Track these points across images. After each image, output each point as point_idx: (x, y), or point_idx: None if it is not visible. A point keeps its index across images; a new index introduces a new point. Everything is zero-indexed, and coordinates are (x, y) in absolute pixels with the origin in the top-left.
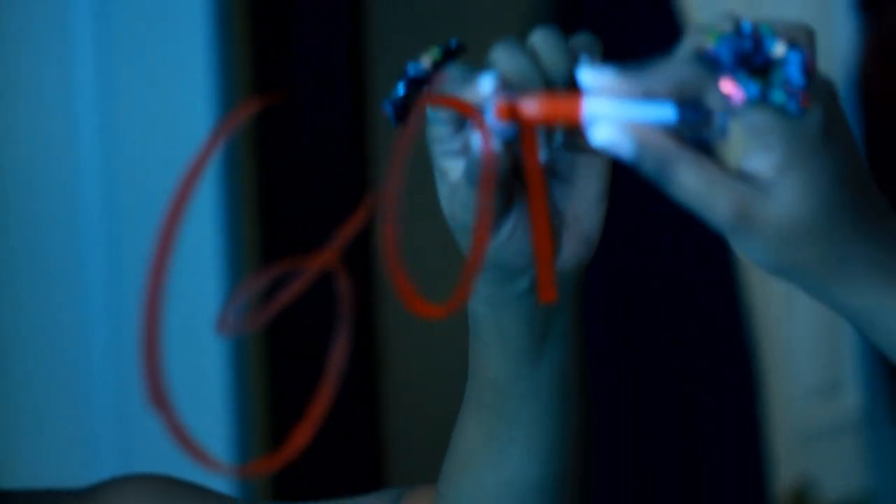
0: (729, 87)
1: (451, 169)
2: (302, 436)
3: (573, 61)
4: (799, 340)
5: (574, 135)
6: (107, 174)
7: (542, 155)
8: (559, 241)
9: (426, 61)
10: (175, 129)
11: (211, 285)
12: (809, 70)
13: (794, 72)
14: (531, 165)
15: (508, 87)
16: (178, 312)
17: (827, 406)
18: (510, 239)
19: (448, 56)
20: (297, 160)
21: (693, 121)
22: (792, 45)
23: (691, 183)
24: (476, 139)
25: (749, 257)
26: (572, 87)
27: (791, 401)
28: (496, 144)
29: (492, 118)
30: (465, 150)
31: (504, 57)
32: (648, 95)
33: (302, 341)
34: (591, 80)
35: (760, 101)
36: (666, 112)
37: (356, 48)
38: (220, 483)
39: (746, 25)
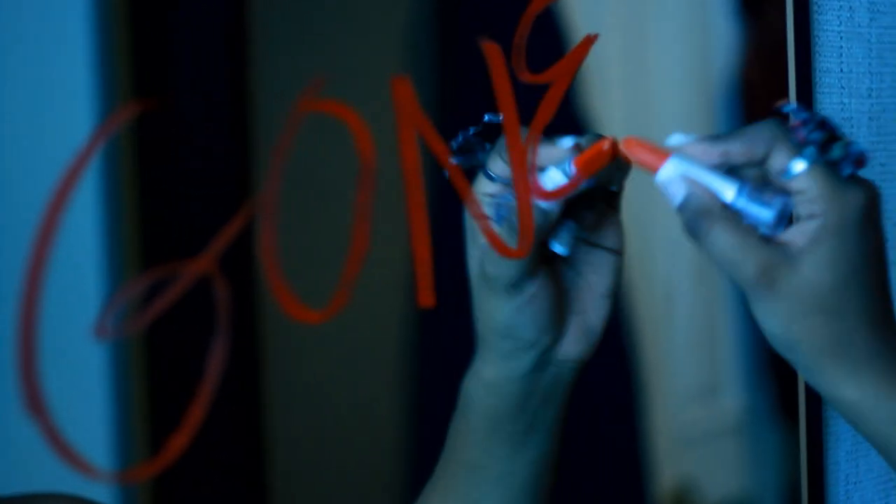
0: (797, 128)
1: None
2: (180, 441)
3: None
4: (678, 342)
5: (596, 231)
6: None
7: (565, 247)
8: (566, 329)
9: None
10: (53, 133)
11: (90, 289)
12: (863, 155)
13: (853, 146)
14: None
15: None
16: (56, 316)
17: (707, 408)
18: (528, 304)
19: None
20: (178, 163)
21: (749, 205)
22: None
23: (723, 241)
24: (546, 182)
25: (762, 322)
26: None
27: (671, 403)
28: (548, 206)
29: (569, 165)
30: (508, 208)
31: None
32: (725, 158)
33: (181, 346)
34: (678, 140)
35: (820, 153)
36: (728, 191)
37: (236, 49)
38: (99, 490)
39: (818, 114)
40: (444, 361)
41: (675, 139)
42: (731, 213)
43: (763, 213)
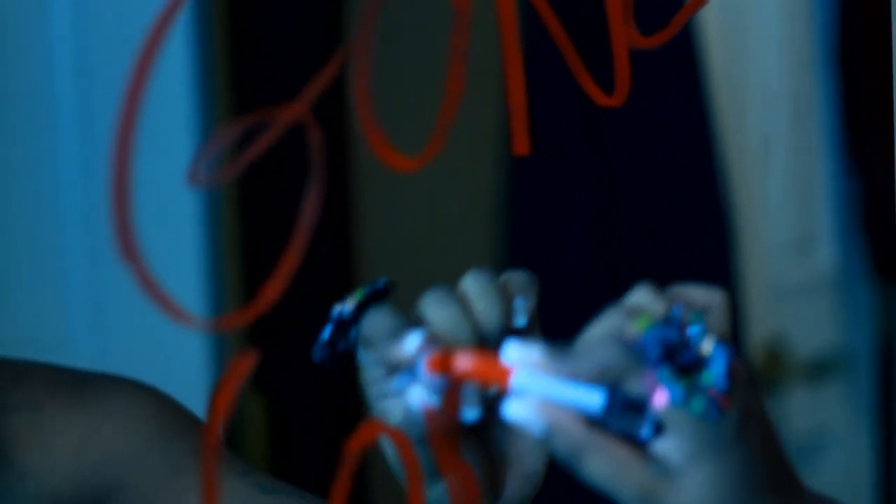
0: (654, 389)
1: (389, 411)
2: (273, 290)
3: (506, 306)
4: (773, 192)
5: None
6: (77, 26)
7: (475, 412)
8: (502, 481)
9: (350, 304)
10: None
11: (183, 136)
12: (733, 372)
13: (718, 374)
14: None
15: (438, 340)
16: (149, 165)
17: (800, 262)
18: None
19: (374, 298)
20: (268, 11)
21: (618, 419)
22: (718, 342)
23: (599, 469)
24: (413, 396)
25: None
26: (505, 335)
27: (764, 256)
28: (433, 400)
29: (423, 373)
30: (400, 395)
31: (434, 308)
32: (575, 377)
33: (274, 194)
34: (517, 357)
35: (682, 406)
36: (593, 401)
37: None
38: (193, 337)
39: (676, 311)
40: (537, 208)
41: (513, 352)
42: (600, 437)
43: (636, 429)
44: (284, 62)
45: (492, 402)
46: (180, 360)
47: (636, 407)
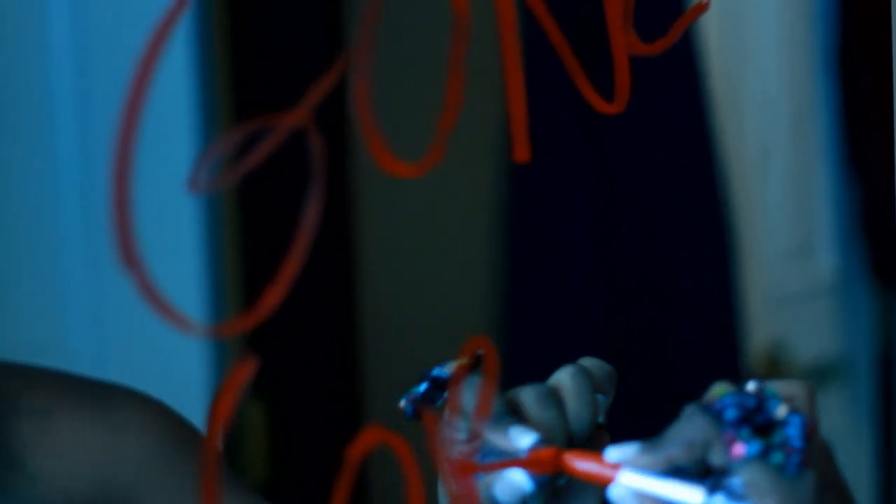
0: (733, 444)
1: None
2: (274, 296)
3: (596, 406)
4: (772, 198)
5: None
6: (76, 30)
7: (538, 501)
8: None
9: (452, 366)
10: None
11: (183, 142)
12: (809, 433)
13: (794, 434)
14: None
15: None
16: (150, 171)
17: (800, 268)
18: None
19: (475, 365)
20: (270, 17)
21: None
22: (793, 408)
23: None
24: (514, 479)
25: None
26: (594, 431)
27: (764, 262)
28: (531, 488)
29: (524, 473)
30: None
31: (537, 409)
32: (670, 464)
33: (274, 200)
34: (618, 457)
35: (761, 459)
36: (693, 498)
37: None
38: (193, 344)
39: (751, 384)
40: (536, 213)
41: (614, 454)
42: None
43: None
44: (285, 68)
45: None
46: (180, 367)
47: (736, 496)
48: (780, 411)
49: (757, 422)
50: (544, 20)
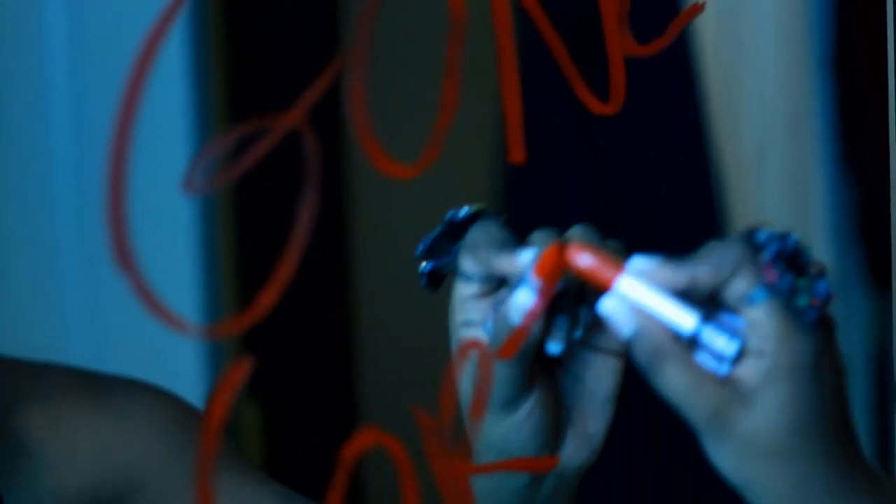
0: (768, 270)
1: (467, 339)
2: (269, 297)
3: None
4: (768, 199)
5: (595, 331)
6: (72, 30)
7: (560, 346)
8: (563, 439)
9: (466, 210)
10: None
11: (179, 143)
12: (830, 298)
13: (821, 287)
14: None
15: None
16: (145, 172)
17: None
18: (524, 422)
19: (489, 213)
20: (267, 17)
21: (705, 343)
22: (823, 274)
23: (676, 380)
24: (521, 298)
25: (715, 462)
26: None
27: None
28: (534, 306)
29: (531, 278)
30: (492, 318)
31: (541, 240)
32: (693, 283)
33: (270, 201)
34: (640, 266)
35: (787, 297)
36: (686, 321)
37: None
38: (188, 344)
39: (795, 236)
40: (532, 215)
41: (637, 263)
42: (682, 350)
43: (724, 346)
44: (281, 69)
45: (575, 345)
46: (176, 368)
47: (727, 331)
48: (813, 268)
49: (793, 263)
50: (540, 21)
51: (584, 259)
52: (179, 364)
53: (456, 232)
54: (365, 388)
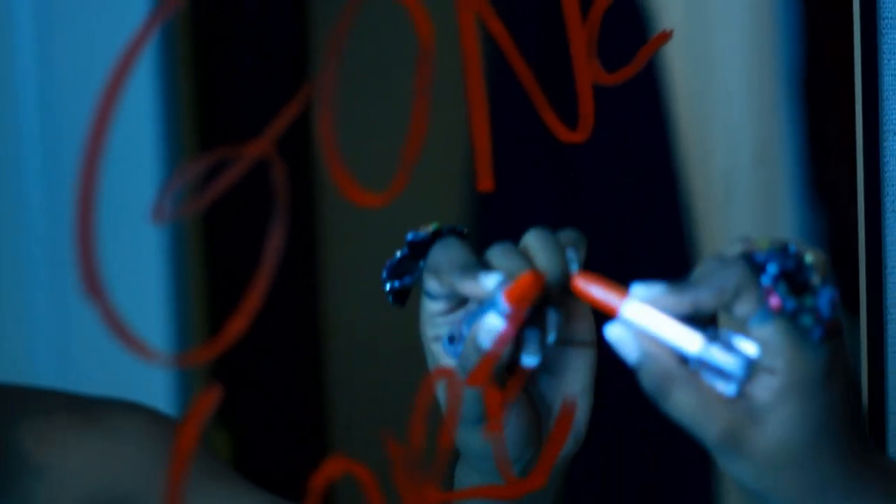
0: (771, 295)
1: (439, 353)
2: (238, 325)
3: (563, 257)
4: (736, 229)
5: (565, 331)
6: (43, 57)
7: (536, 358)
8: (547, 433)
9: (426, 230)
10: (111, 12)
11: (147, 171)
12: (835, 307)
13: (824, 303)
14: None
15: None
16: (114, 199)
17: None
18: (505, 428)
19: (450, 232)
20: (235, 46)
21: (712, 364)
22: (825, 279)
23: (685, 402)
24: (489, 323)
25: (732, 475)
26: (566, 285)
27: None
28: (505, 331)
29: (500, 303)
30: (456, 333)
31: (503, 259)
32: (696, 307)
33: (239, 229)
34: (642, 294)
35: (791, 317)
36: (692, 344)
37: None
38: (157, 373)
39: (792, 247)
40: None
41: (640, 291)
42: (689, 373)
43: (732, 365)
44: (250, 97)
45: (548, 350)
46: (144, 396)
47: (733, 349)
48: (816, 279)
49: (794, 282)
50: (508, 50)
51: (590, 288)
52: (148, 392)
53: (419, 251)
54: (335, 416)
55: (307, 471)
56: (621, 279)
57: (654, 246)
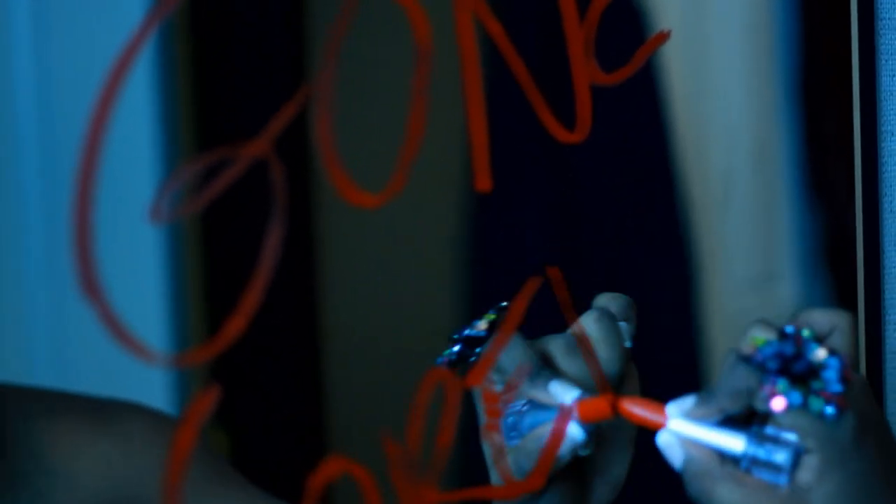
0: (773, 398)
1: (493, 438)
2: (236, 325)
3: (622, 347)
4: (734, 228)
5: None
6: (40, 58)
7: (590, 449)
8: (591, 485)
9: (482, 324)
10: (109, 12)
11: (145, 172)
12: (846, 376)
13: (832, 378)
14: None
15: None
16: (112, 200)
17: (762, 297)
18: (551, 495)
19: (501, 319)
20: (233, 47)
21: (761, 459)
22: (831, 351)
23: (729, 498)
24: (568, 443)
25: None
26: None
27: (726, 292)
28: (581, 442)
29: (576, 421)
30: (516, 428)
31: (567, 362)
32: (723, 413)
33: (237, 229)
34: (678, 412)
35: (801, 408)
36: (735, 445)
37: None
38: (155, 373)
39: (788, 328)
40: (500, 245)
41: (674, 409)
42: (731, 470)
43: (779, 457)
44: (248, 98)
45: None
46: (143, 396)
47: (779, 441)
48: (819, 354)
49: (796, 369)
50: (506, 50)
51: (635, 410)
52: (146, 392)
53: (476, 342)
54: (333, 416)
55: (305, 471)
56: (620, 279)
57: (652, 246)
